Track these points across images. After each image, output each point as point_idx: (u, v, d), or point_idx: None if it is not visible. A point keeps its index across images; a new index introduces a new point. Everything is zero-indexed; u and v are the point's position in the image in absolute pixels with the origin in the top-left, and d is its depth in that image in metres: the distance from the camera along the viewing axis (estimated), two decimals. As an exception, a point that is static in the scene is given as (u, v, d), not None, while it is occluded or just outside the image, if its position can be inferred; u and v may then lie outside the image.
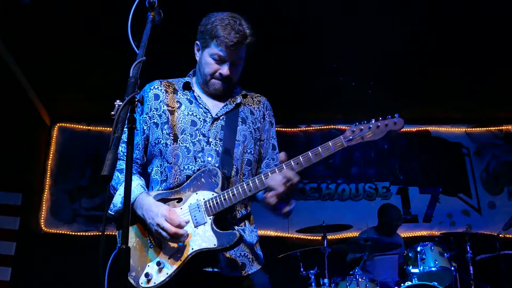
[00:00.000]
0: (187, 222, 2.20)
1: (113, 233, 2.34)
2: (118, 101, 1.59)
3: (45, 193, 7.32)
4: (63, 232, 7.18)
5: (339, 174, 7.75)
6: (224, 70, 2.40)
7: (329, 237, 5.42)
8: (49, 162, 7.47)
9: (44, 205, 7.25)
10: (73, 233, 7.18)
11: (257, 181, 2.20)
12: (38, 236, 7.07)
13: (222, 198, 2.20)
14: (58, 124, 7.71)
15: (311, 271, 5.20)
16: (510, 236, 7.28)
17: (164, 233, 2.14)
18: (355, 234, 6.40)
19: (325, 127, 7.95)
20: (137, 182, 2.35)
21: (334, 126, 7.94)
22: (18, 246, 6.80)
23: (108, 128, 7.50)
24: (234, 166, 2.36)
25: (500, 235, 5.63)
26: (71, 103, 7.41)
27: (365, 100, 7.11)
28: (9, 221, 6.84)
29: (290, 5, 5.31)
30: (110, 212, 2.33)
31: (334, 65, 6.36)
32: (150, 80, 2.54)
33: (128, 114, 1.59)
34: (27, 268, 6.72)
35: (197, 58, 2.53)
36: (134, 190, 2.27)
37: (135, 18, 1.99)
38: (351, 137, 2.17)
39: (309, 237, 7.02)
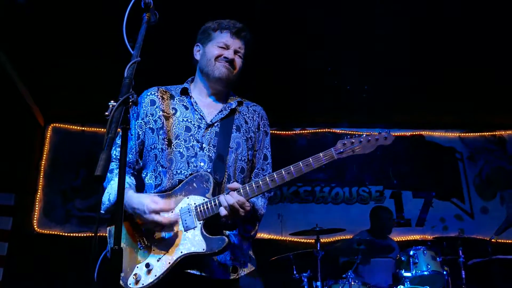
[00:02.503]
0: (173, 207, 2.26)
1: (106, 234, 2.33)
2: (112, 101, 1.59)
3: (38, 193, 7.29)
4: (56, 233, 7.15)
5: (333, 178, 7.76)
6: (230, 53, 2.52)
7: (322, 240, 5.43)
8: (43, 162, 7.44)
9: (37, 206, 7.22)
10: (66, 234, 7.15)
11: (248, 190, 2.23)
12: (31, 237, 7.03)
13: (213, 204, 2.22)
14: (52, 125, 7.68)
15: (304, 274, 5.21)
16: (502, 241, 7.31)
17: (158, 227, 2.23)
18: (348, 237, 6.41)
19: (319, 130, 7.96)
20: None
21: (329, 130, 7.95)
22: (11, 246, 6.77)
23: (103, 129, 7.48)
24: (226, 173, 2.39)
25: (492, 240, 5.67)
26: (65, 104, 7.39)
27: (360, 104, 7.13)
28: (2, 221, 6.81)
29: (290, 7, 5.33)
30: (101, 212, 2.37)
31: (329, 68, 6.38)
32: (144, 81, 2.55)
33: (122, 114, 1.59)
34: (19, 268, 6.68)
35: (198, 58, 2.63)
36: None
37: (130, 18, 1.99)
38: (341, 150, 2.26)
39: (302, 240, 7.00)
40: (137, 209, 2.22)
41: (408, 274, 5.05)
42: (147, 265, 2.19)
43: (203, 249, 2.17)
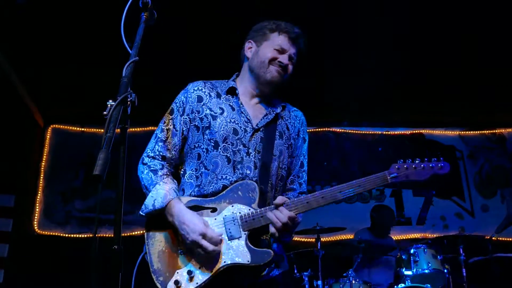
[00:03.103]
0: (221, 238, 2.20)
1: (107, 235, 2.33)
2: (110, 101, 1.58)
3: (39, 194, 7.29)
4: (56, 234, 7.14)
5: (334, 176, 7.76)
6: (285, 59, 2.46)
7: (322, 239, 5.43)
8: (43, 163, 7.44)
9: (37, 207, 7.22)
10: (66, 235, 7.15)
11: (297, 205, 2.23)
12: (31, 238, 7.03)
13: (260, 216, 2.20)
14: (51, 126, 7.68)
15: (305, 273, 5.20)
16: (503, 238, 7.31)
17: (200, 250, 2.16)
18: (349, 236, 6.41)
19: (320, 129, 7.95)
20: (170, 186, 2.32)
21: (329, 129, 7.95)
22: (11, 248, 6.76)
23: (102, 130, 7.46)
24: (270, 182, 2.36)
25: (493, 238, 5.66)
26: (64, 105, 7.39)
27: (360, 103, 7.14)
28: (2, 222, 6.79)
29: (289, 6, 5.32)
30: (141, 213, 2.31)
31: (328, 67, 6.38)
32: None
33: (121, 114, 1.58)
34: (20, 270, 6.68)
35: (249, 56, 2.54)
36: (166, 195, 2.26)
37: (129, 18, 1.98)
38: (396, 174, 2.28)
39: (303, 239, 7.01)
40: (186, 226, 2.17)
41: (409, 273, 5.05)
42: (189, 272, 2.15)
43: (248, 261, 2.14)
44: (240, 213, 2.22)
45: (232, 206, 2.25)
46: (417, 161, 2.29)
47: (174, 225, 2.22)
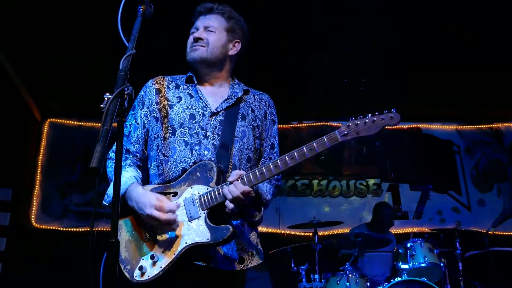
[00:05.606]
0: (178, 206, 2.20)
1: (104, 229, 2.33)
2: (107, 94, 1.58)
3: (36, 188, 7.29)
4: (53, 228, 7.16)
5: (330, 171, 7.77)
6: (196, 33, 2.50)
7: (320, 233, 5.44)
8: (40, 157, 7.44)
9: (34, 201, 7.22)
10: (64, 229, 7.16)
11: (251, 177, 2.17)
12: (29, 232, 7.04)
13: (217, 193, 2.18)
14: (49, 120, 7.68)
15: (302, 267, 5.21)
16: (499, 233, 7.34)
17: (156, 222, 2.16)
18: (346, 230, 6.42)
19: (317, 123, 7.96)
20: (131, 174, 2.34)
21: (326, 123, 7.95)
22: (9, 241, 6.78)
23: (99, 124, 7.43)
24: (232, 162, 2.35)
25: (489, 232, 5.68)
26: (62, 99, 7.38)
27: (357, 97, 7.13)
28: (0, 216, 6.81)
29: (288, 1, 5.32)
30: (104, 203, 2.33)
31: (326, 61, 6.37)
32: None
33: (118, 107, 1.58)
34: (17, 264, 6.69)
35: None
36: (127, 181, 2.28)
37: (126, 12, 1.98)
38: (346, 132, 2.12)
39: (300, 233, 7.02)
40: (141, 203, 2.19)
41: (406, 266, 5.06)
42: (152, 257, 2.16)
43: (208, 239, 2.13)
44: (198, 193, 2.22)
45: (192, 187, 2.25)
46: (368, 116, 2.13)
47: (134, 209, 2.23)
